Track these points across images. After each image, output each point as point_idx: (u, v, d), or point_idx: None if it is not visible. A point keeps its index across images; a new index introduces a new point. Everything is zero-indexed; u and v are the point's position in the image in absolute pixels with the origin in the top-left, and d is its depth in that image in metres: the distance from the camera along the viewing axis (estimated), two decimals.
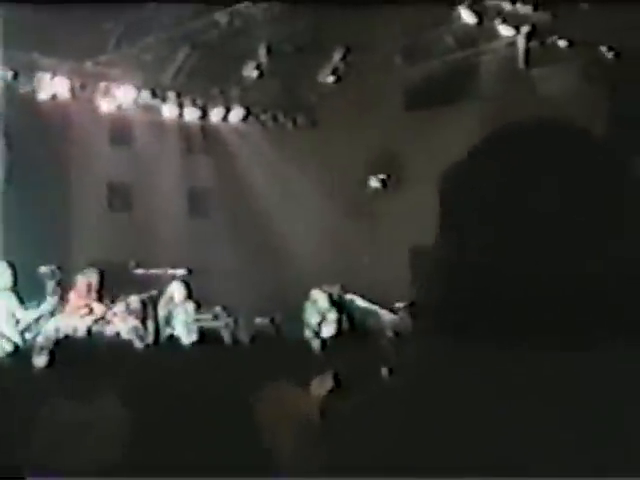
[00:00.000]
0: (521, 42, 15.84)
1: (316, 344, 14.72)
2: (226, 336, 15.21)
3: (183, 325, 16.21)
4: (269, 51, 17.11)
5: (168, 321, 16.17)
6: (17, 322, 15.33)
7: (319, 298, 16.79)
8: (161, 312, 16.31)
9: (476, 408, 1.58)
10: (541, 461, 1.53)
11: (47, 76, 17.21)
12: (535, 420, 1.54)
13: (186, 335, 15.73)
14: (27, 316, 15.39)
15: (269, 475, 4.71)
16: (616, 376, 1.59)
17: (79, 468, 5.15)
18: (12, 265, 15.31)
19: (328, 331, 16.22)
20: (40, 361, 7.30)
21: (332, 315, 16.70)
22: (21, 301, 15.65)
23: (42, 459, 5.34)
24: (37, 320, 15.56)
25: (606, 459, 1.54)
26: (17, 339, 14.49)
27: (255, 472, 4.69)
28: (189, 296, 16.67)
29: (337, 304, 16.94)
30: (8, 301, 15.48)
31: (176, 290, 16.59)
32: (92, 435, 5.37)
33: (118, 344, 9.65)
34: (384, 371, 6.35)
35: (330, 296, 17.06)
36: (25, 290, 15.78)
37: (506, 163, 1.62)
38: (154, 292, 16.58)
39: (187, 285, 16.72)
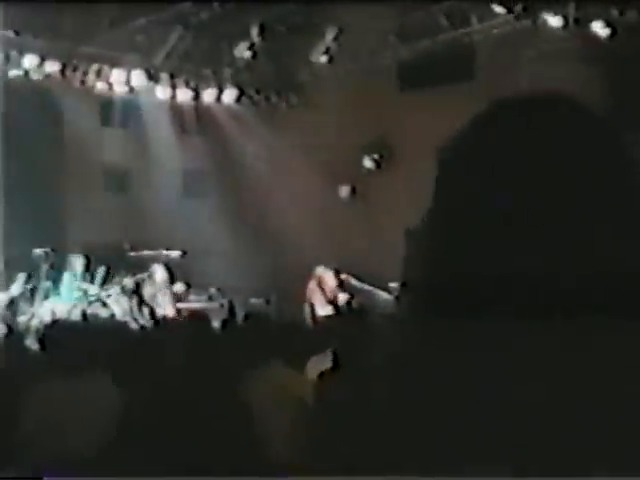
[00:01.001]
0: (514, 21, 15.82)
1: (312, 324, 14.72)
2: (221, 317, 15.22)
3: (166, 307, 16.26)
4: (261, 31, 17.08)
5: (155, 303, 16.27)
6: (8, 304, 15.39)
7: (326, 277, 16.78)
8: (146, 294, 16.37)
9: (467, 390, 1.57)
10: (540, 450, 1.53)
11: (39, 58, 17.15)
12: (533, 404, 1.53)
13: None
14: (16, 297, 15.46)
15: (263, 457, 4.73)
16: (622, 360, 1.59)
17: (73, 450, 5.16)
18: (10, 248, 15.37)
19: (325, 311, 16.21)
20: (34, 344, 7.30)
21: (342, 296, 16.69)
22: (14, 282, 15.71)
23: (36, 441, 5.34)
24: (31, 303, 15.60)
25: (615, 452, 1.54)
26: (9, 321, 14.53)
27: (249, 453, 4.70)
28: (172, 279, 16.75)
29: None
30: (2, 283, 15.55)
31: (158, 272, 16.65)
32: (88, 417, 5.37)
33: (113, 326, 9.63)
34: (379, 351, 6.35)
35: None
36: (20, 272, 15.82)
37: (500, 144, 1.61)
38: (145, 274, 16.62)
39: (168, 268, 16.77)
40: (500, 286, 1.52)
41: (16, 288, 15.67)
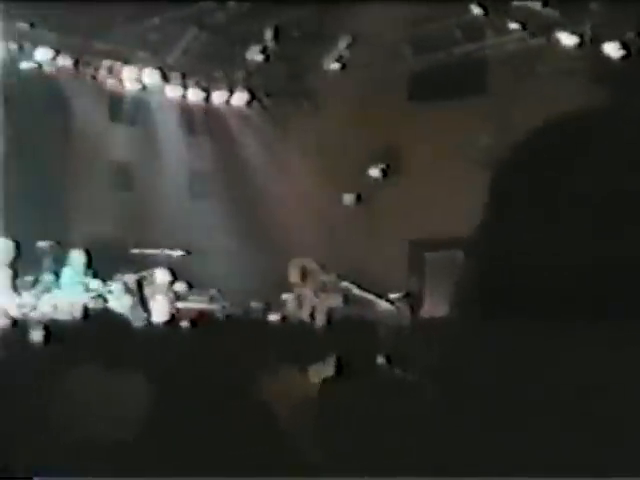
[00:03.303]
0: (529, 38, 15.82)
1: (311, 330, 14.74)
2: (220, 318, 15.25)
3: (162, 309, 16.30)
4: (275, 35, 17.09)
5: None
6: (14, 297, 15.41)
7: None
8: (147, 293, 16.41)
9: (473, 398, 1.58)
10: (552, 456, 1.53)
11: (52, 51, 17.18)
12: (538, 421, 1.53)
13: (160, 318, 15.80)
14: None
15: (267, 457, 4.72)
16: None
17: (75, 445, 5.15)
18: (15, 241, 15.38)
19: (321, 319, 16.24)
20: (37, 336, 7.31)
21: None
22: (18, 276, 15.72)
23: (39, 435, 5.34)
24: (34, 295, 15.62)
25: None
26: (14, 313, 14.55)
27: (253, 453, 4.69)
28: (172, 281, 16.79)
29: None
30: (6, 276, 15.56)
31: (159, 274, 16.68)
32: (90, 411, 5.37)
33: (114, 321, 9.63)
34: (380, 359, 6.37)
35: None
36: (23, 265, 15.83)
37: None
38: (147, 273, 16.64)
39: (172, 270, 16.81)
40: (559, 289, 1.52)
41: (20, 280, 15.72)
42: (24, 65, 17.01)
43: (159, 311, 16.16)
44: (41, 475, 4.74)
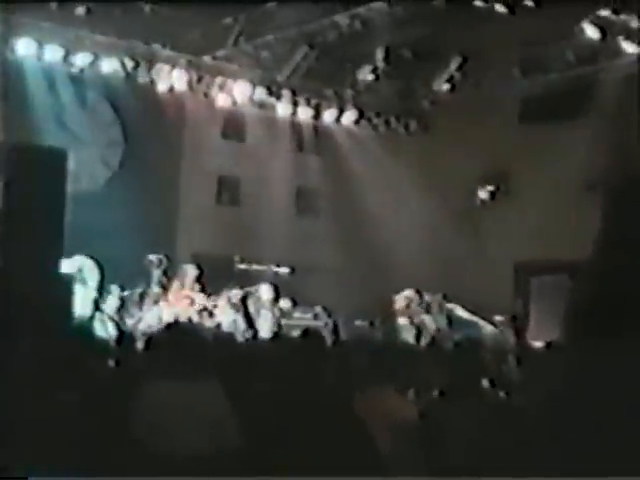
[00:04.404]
0: None
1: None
2: (326, 336, 15.27)
3: (267, 325, 16.40)
4: (386, 55, 17.11)
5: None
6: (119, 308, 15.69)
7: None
8: (251, 309, 16.52)
9: (576, 420, 1.56)
10: None
11: (166, 68, 17.46)
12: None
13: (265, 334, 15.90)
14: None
15: (363, 475, 4.71)
16: None
17: (173, 453, 5.21)
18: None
19: (425, 339, 16.19)
20: (142, 346, 7.42)
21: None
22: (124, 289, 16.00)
23: (135, 441, 5.40)
24: (140, 307, 15.87)
25: None
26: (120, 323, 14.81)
27: (349, 472, 4.68)
28: (277, 297, 16.86)
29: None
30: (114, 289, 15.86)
31: (264, 290, 16.77)
32: (189, 421, 5.42)
33: (218, 336, 9.73)
34: (485, 382, 6.30)
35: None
36: (131, 278, 16.09)
37: (622, 182, 1.60)
38: (252, 289, 16.75)
39: (276, 287, 16.88)
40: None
41: (129, 292, 15.98)
42: (140, 81, 17.32)
43: (264, 327, 16.29)
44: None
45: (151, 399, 5.61)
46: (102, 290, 15.80)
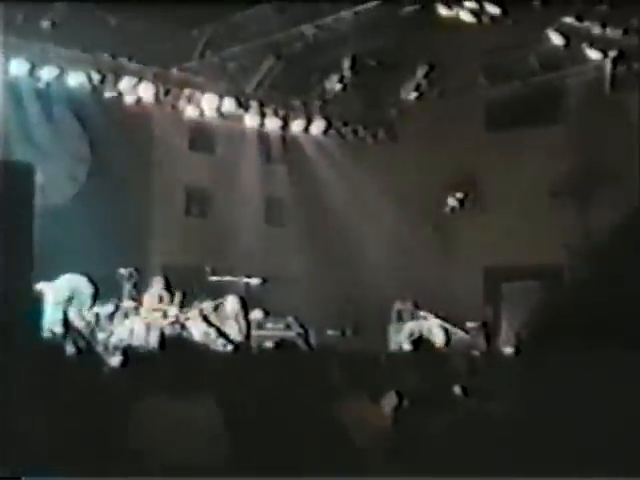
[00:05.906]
0: (608, 66, 15.65)
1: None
2: (300, 346, 15.26)
3: (239, 336, 16.35)
4: (353, 65, 17.15)
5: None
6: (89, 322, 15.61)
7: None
8: (219, 321, 16.46)
9: (549, 426, 1.58)
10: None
11: (133, 81, 17.42)
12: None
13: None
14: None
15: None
16: None
17: (149, 468, 5.20)
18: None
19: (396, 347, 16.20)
20: (114, 361, 7.41)
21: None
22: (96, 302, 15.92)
23: (113, 457, 5.39)
24: (111, 320, 15.81)
25: None
26: (89, 338, 14.72)
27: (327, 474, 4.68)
28: (245, 310, 16.79)
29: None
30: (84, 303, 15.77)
31: (229, 302, 16.69)
32: (167, 435, 5.41)
33: (191, 348, 9.69)
34: (457, 389, 6.34)
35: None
36: (102, 291, 16.01)
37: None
38: (221, 301, 16.71)
39: (242, 299, 16.81)
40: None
41: (101, 306, 15.90)
42: (107, 94, 17.26)
43: (234, 338, 16.23)
44: None
45: (128, 413, 5.60)
46: (73, 304, 15.71)
